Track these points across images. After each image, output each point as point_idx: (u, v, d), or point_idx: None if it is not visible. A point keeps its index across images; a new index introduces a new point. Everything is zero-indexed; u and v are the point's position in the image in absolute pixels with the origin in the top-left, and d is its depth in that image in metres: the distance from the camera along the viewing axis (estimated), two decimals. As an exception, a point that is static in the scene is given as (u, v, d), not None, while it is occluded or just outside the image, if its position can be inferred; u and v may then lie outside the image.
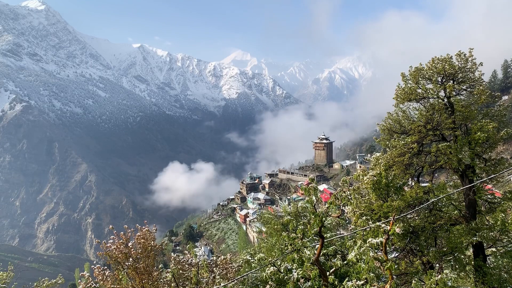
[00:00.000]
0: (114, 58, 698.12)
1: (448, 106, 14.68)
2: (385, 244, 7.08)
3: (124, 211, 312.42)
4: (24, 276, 59.53)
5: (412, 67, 15.13)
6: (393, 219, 7.09)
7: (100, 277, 9.94)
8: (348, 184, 8.68)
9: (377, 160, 15.54)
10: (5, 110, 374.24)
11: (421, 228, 14.13)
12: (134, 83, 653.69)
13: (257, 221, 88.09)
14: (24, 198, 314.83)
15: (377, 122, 16.41)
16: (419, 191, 14.01)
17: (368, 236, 7.51)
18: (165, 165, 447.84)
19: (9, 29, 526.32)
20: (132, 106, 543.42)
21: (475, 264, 13.54)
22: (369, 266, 7.05)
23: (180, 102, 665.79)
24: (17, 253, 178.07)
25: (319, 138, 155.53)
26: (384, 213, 13.38)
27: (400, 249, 14.86)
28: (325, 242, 8.92)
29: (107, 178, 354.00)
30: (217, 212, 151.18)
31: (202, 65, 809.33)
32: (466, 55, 14.17)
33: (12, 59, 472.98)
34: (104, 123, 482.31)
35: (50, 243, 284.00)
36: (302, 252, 7.89)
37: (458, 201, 15.25)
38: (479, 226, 13.38)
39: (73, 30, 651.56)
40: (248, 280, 14.82)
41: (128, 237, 10.56)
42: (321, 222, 7.90)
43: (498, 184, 40.32)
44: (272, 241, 19.54)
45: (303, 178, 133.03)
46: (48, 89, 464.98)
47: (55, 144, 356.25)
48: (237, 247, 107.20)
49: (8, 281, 13.69)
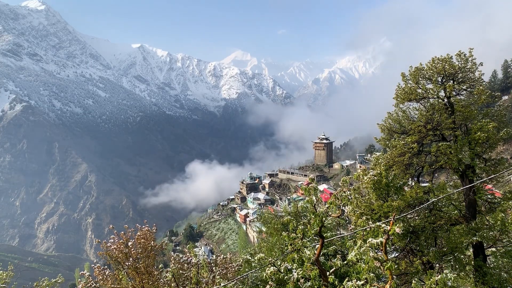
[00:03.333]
0: (114, 58, 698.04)
1: (448, 106, 14.68)
2: (385, 244, 7.08)
3: (124, 211, 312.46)
4: (24, 276, 59.51)
5: (412, 67, 15.13)
6: (393, 219, 7.09)
7: (100, 277, 9.94)
8: (348, 184, 8.67)
9: (377, 160, 15.54)
10: (5, 110, 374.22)
11: (421, 228, 14.13)
12: (134, 83, 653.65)
13: (257, 221, 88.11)
14: (24, 198, 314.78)
15: (377, 122, 16.40)
16: (419, 191, 14.01)
17: (368, 236, 7.51)
18: (165, 165, 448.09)
19: (9, 29, 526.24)
20: (132, 106, 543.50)
21: (475, 264, 13.53)
22: (369, 266, 7.05)
23: (180, 102, 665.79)
24: (17, 253, 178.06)
25: (319, 138, 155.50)
26: (384, 213, 13.38)
27: (400, 249, 14.86)
28: (325, 242, 8.92)
29: (107, 178, 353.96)
30: (217, 212, 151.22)
31: (202, 65, 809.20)
32: (466, 55, 14.18)
33: (12, 59, 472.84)
34: (104, 123, 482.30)
35: (50, 243, 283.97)
36: (302, 252, 7.89)
37: (458, 201, 15.25)
38: (479, 226, 13.38)
39: (73, 30, 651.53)
40: (248, 280, 14.83)
41: (128, 237, 10.57)
42: (321, 222, 7.91)
43: (498, 184, 40.29)
44: (272, 241, 19.56)
45: (303, 178, 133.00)
46: (48, 89, 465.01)
47: (55, 144, 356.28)
48: (237, 247, 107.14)
49: (8, 281, 13.68)
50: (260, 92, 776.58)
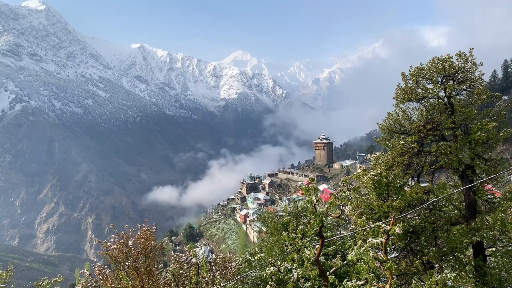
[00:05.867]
0: (114, 58, 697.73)
1: (448, 106, 14.68)
2: (385, 244, 7.08)
3: (124, 211, 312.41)
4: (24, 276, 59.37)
5: (412, 67, 15.12)
6: (393, 219, 7.09)
7: (101, 276, 9.95)
8: (348, 184, 8.68)
9: (377, 160, 15.54)
10: (5, 110, 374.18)
11: (421, 228, 14.12)
12: (134, 83, 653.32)
13: (257, 221, 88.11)
14: (24, 198, 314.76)
15: (377, 122, 16.40)
16: (419, 191, 14.01)
17: (368, 236, 7.52)
18: (165, 165, 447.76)
19: (9, 29, 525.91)
20: (132, 106, 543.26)
21: (475, 264, 13.53)
22: (369, 266, 7.05)
23: (180, 102, 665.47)
24: (17, 253, 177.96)
25: (319, 138, 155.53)
26: (384, 212, 13.38)
27: (400, 249, 14.86)
28: (325, 242, 8.92)
29: (107, 178, 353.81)
30: (217, 212, 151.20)
31: (202, 65, 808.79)
32: (466, 55, 14.17)
33: (12, 59, 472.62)
34: (104, 123, 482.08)
35: (50, 243, 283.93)
36: (302, 252, 7.89)
37: (458, 201, 15.24)
38: (479, 226, 13.38)
39: (73, 30, 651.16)
40: (249, 279, 14.84)
41: (128, 236, 10.57)
42: (321, 222, 7.91)
43: (498, 184, 40.24)
44: (272, 241, 19.56)
45: (303, 178, 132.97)
46: (48, 89, 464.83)
47: (55, 144, 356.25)
48: (237, 247, 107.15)
49: (8, 281, 13.68)
50: (260, 92, 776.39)
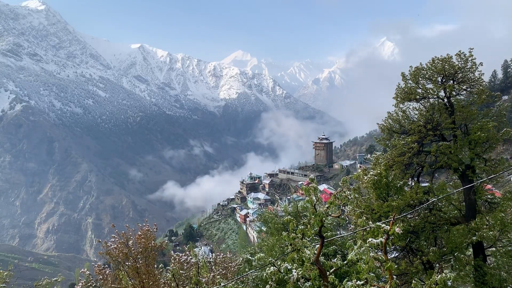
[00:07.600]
0: (114, 58, 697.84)
1: (448, 106, 14.68)
2: (385, 244, 7.08)
3: (124, 211, 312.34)
4: (24, 276, 59.57)
5: (412, 67, 15.13)
6: (393, 219, 7.09)
7: (101, 276, 9.95)
8: (348, 184, 8.68)
9: (377, 160, 15.54)
10: (5, 110, 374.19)
11: (421, 228, 14.12)
12: (134, 83, 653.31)
13: (257, 221, 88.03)
14: (24, 198, 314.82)
15: (377, 122, 16.41)
16: (419, 191, 14.01)
17: (368, 236, 7.51)
18: (165, 165, 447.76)
19: (9, 29, 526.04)
20: (132, 106, 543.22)
21: (475, 264, 13.53)
22: (369, 266, 7.05)
23: (180, 102, 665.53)
24: (17, 253, 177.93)
25: (319, 138, 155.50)
26: (384, 212, 13.39)
27: (400, 249, 14.86)
28: (325, 242, 8.93)
29: (107, 178, 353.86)
30: (217, 212, 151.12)
31: (202, 65, 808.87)
32: (466, 55, 14.17)
33: (12, 59, 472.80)
34: (104, 123, 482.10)
35: (50, 243, 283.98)
36: (302, 252, 7.89)
37: (458, 201, 15.25)
38: (479, 226, 13.38)
39: (73, 30, 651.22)
40: (249, 279, 14.84)
41: (128, 236, 10.57)
42: (321, 222, 7.91)
43: (498, 184, 40.29)
44: (272, 240, 19.56)
45: (303, 178, 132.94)
46: (48, 89, 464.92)
47: (55, 144, 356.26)
48: (237, 247, 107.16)
49: (8, 281, 13.68)
50: (260, 92, 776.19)
